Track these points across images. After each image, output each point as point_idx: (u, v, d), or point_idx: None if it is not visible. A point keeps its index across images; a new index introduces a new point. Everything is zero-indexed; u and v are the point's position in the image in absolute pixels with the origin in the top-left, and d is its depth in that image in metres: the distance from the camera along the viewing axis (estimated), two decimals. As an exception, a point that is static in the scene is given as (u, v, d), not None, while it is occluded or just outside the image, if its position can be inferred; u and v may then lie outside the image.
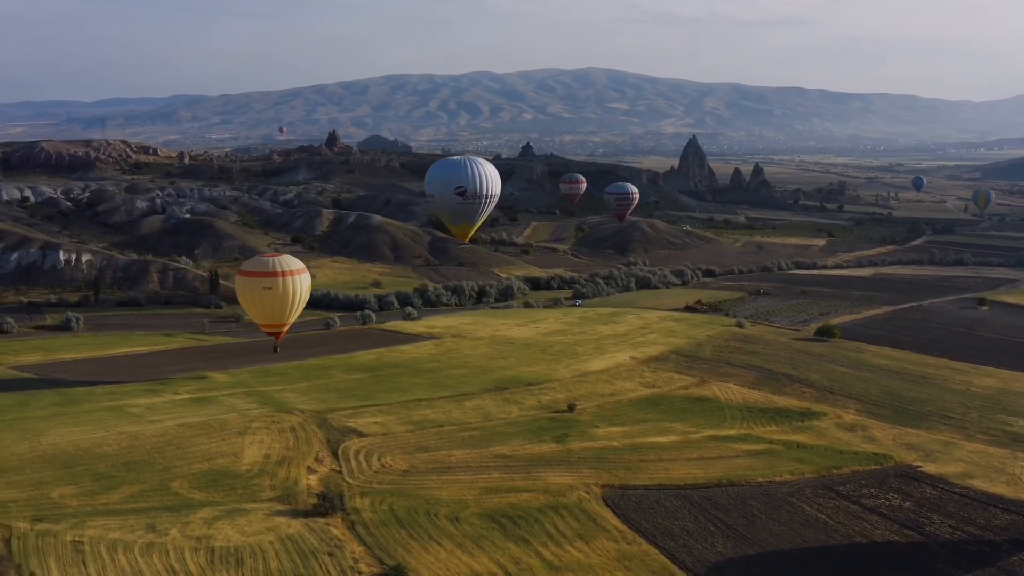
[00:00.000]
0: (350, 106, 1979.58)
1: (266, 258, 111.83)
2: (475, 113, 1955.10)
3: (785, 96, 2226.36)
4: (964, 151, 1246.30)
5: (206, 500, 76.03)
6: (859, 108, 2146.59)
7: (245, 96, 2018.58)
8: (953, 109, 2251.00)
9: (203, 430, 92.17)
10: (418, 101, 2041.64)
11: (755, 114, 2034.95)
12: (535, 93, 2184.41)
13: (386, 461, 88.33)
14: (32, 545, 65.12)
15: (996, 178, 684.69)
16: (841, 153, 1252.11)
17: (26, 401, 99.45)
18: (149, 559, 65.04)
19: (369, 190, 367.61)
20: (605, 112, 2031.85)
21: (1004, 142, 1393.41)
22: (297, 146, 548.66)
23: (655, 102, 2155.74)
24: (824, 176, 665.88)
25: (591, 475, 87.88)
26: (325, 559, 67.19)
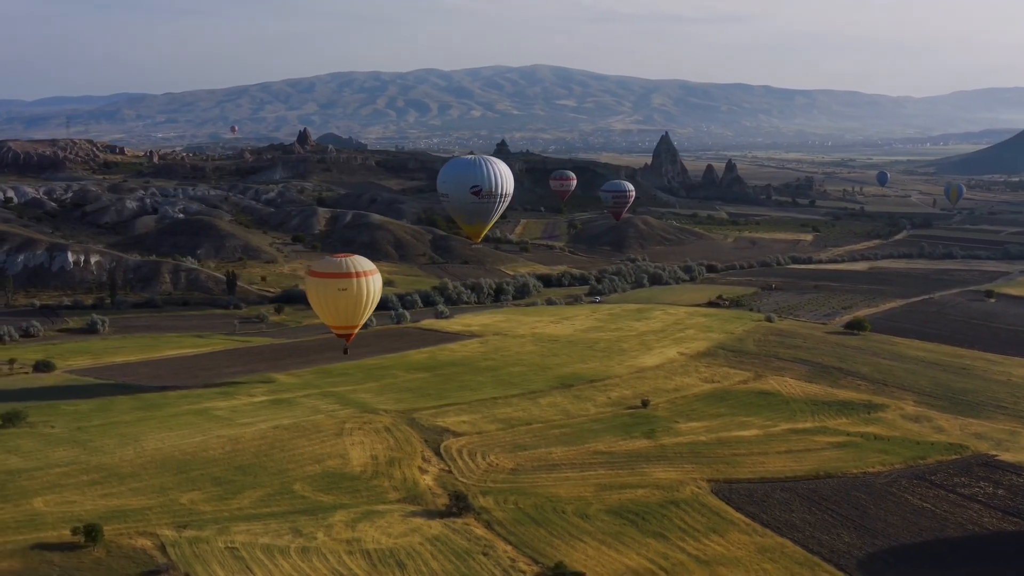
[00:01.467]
0: (297, 104, 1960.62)
1: (338, 259, 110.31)
2: (423, 110, 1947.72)
3: (731, 93, 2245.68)
4: (911, 146, 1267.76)
5: (335, 503, 75.32)
6: (804, 104, 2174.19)
7: (190, 94, 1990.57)
8: (895, 105, 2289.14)
9: (299, 432, 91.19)
10: (365, 99, 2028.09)
11: (702, 111, 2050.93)
12: (483, 90, 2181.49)
13: (491, 460, 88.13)
14: (190, 552, 64.11)
15: (950, 173, 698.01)
16: (790, 149, 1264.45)
17: (106, 406, 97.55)
18: (310, 563, 64.37)
19: (348, 188, 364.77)
20: (553, 109, 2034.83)
21: (948, 137, 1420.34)
22: (268, 144, 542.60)
23: (603, 99, 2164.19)
24: (781, 172, 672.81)
25: (692, 470, 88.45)
26: (481, 559, 66.99)
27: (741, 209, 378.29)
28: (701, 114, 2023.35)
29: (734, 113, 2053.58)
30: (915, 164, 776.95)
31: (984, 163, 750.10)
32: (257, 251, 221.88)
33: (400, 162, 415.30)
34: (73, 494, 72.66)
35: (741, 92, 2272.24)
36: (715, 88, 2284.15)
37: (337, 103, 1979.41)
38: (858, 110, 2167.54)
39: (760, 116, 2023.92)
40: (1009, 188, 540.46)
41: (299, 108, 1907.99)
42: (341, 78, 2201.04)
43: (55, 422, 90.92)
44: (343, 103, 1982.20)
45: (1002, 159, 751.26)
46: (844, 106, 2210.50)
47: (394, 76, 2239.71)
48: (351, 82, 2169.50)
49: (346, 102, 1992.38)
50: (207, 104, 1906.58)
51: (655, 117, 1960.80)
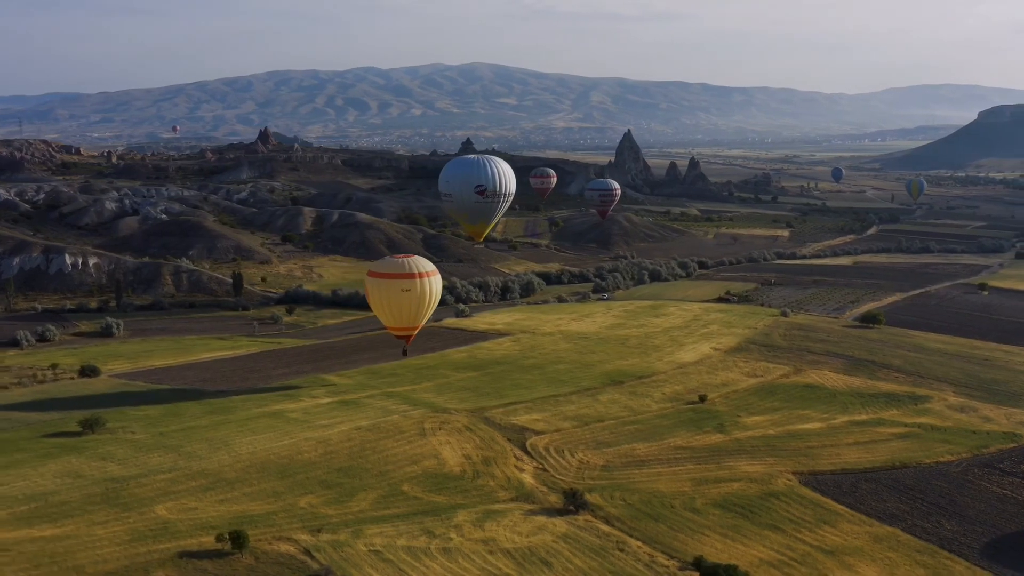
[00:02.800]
0: (234, 103, 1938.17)
1: (399, 259, 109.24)
2: (363, 109, 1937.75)
3: (669, 90, 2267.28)
4: (849, 142, 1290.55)
5: (450, 503, 75.08)
6: (741, 101, 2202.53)
7: (125, 93, 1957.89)
8: (830, 102, 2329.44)
9: (382, 433, 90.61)
10: (304, 97, 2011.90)
11: (641, 108, 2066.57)
12: (422, 89, 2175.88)
13: (580, 457, 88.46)
14: (337, 556, 63.57)
15: (896, 168, 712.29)
16: (731, 145, 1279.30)
17: (176, 411, 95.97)
18: (458, 563, 64.20)
19: (317, 187, 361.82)
20: (493, 107, 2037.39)
21: (884, 133, 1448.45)
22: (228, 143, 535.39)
23: (542, 97, 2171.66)
24: (730, 168, 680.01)
25: (775, 463, 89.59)
26: (619, 555, 67.36)
27: (708, 206, 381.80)
28: (640, 111, 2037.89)
29: (673, 110, 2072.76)
30: (859, 160, 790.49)
31: (927, 159, 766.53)
32: (250, 252, 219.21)
33: (366, 161, 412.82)
34: (190, 500, 71.49)
35: (679, 90, 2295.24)
36: (653, 86, 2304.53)
37: (275, 102, 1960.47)
38: (794, 107, 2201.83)
39: (699, 113, 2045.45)
40: (958, 183, 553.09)
41: (237, 107, 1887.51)
42: (278, 76, 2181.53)
43: (133, 427, 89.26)
44: (281, 102, 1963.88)
45: (945, 155, 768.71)
46: (780, 103, 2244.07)
47: (332, 75, 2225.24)
48: (289, 81, 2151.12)
49: (284, 101, 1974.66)
50: (143, 103, 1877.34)
51: (595, 115, 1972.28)
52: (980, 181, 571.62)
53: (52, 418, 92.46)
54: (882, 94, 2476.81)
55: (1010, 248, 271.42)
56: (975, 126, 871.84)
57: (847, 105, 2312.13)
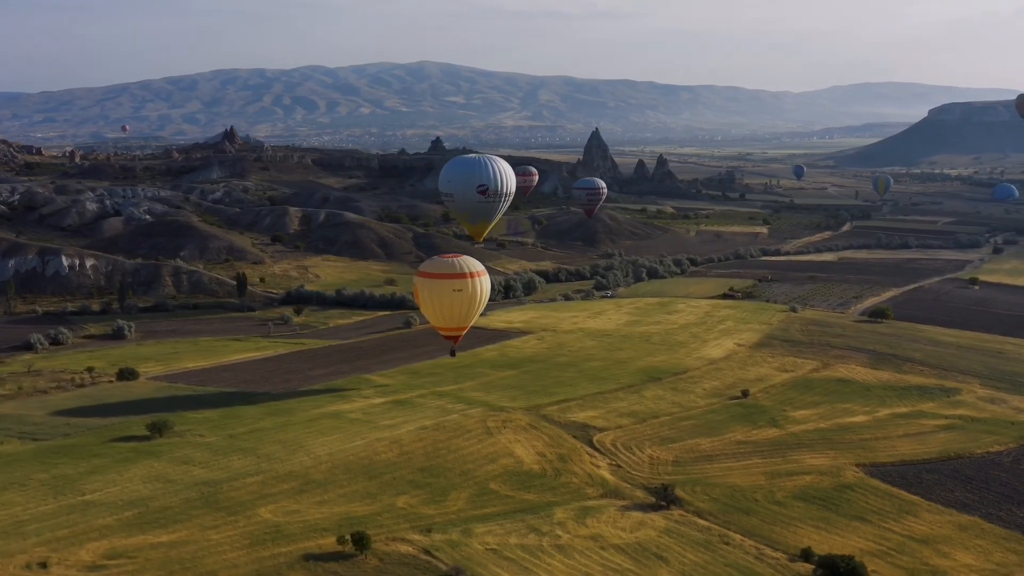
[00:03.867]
0: (180, 102, 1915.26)
1: (449, 259, 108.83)
2: (311, 108, 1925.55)
3: (617, 88, 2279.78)
4: (798, 139, 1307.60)
5: (543, 500, 75.34)
6: (688, 100, 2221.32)
7: (67, 93, 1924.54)
8: (776, 100, 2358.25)
9: (450, 432, 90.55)
10: (251, 96, 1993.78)
11: (590, 106, 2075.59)
12: (370, 87, 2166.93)
13: (649, 453, 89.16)
14: (458, 556, 63.55)
15: (850, 165, 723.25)
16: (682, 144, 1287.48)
17: (234, 414, 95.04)
18: (576, 560, 64.52)
19: (289, 187, 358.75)
20: (442, 106, 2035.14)
21: (831, 131, 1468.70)
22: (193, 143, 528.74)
23: (491, 95, 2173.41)
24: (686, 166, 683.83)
25: (836, 455, 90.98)
26: (726, 548, 68.15)
27: (679, 203, 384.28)
28: (589, 110, 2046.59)
29: (621, 109, 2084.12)
30: (812, 158, 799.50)
31: (881, 156, 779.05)
32: (243, 252, 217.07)
33: (336, 160, 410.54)
34: (289, 503, 70.97)
35: (627, 88, 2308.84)
36: (601, 84, 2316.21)
37: (222, 101, 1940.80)
38: (741, 105, 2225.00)
39: (647, 112, 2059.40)
40: (915, 180, 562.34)
41: (182, 106, 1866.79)
42: (224, 75, 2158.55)
43: (199, 430, 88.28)
44: (228, 101, 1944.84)
45: (897, 152, 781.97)
46: (727, 101, 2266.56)
47: (279, 73, 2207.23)
48: (235, 79, 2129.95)
49: (231, 100, 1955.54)
50: (86, 103, 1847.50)
51: (544, 113, 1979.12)
52: (936, 178, 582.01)
53: (112, 422, 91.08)
54: (826, 92, 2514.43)
55: (986, 243, 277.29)
56: (926, 123, 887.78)
57: (792, 103, 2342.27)
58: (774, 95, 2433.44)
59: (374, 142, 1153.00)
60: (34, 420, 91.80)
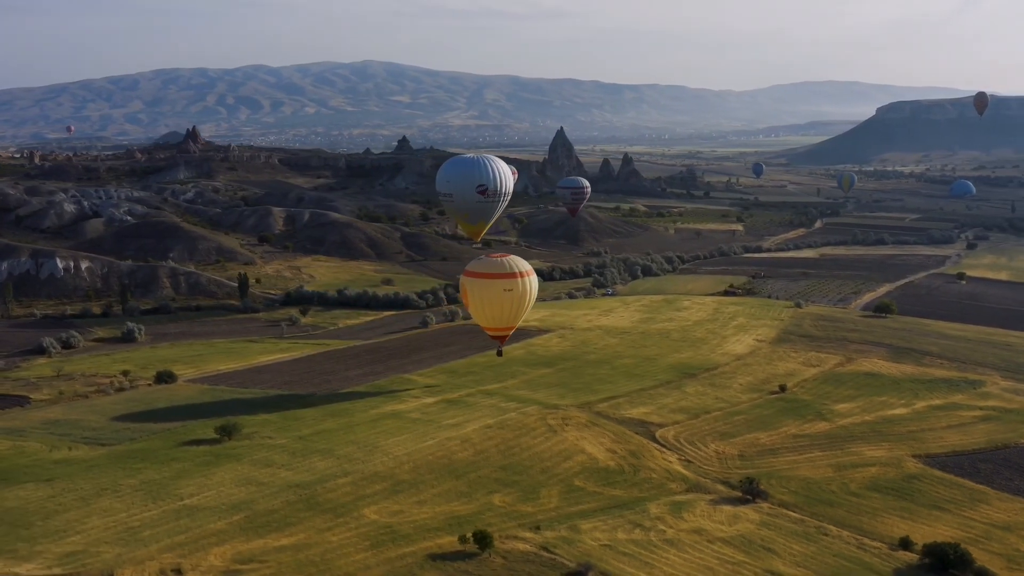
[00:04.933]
0: (121, 102, 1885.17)
1: (498, 259, 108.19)
2: (255, 107, 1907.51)
3: (562, 88, 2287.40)
4: (744, 138, 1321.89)
5: (632, 496, 75.96)
6: (633, 99, 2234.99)
7: (6, 93, 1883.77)
8: (719, 99, 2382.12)
9: (516, 431, 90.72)
10: (193, 96, 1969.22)
11: (535, 105, 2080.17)
12: (314, 87, 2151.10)
13: (714, 448, 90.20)
14: (577, 552, 63.85)
15: (802, 163, 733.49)
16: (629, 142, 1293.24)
17: (294, 416, 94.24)
18: (691, 554, 65.20)
19: (258, 187, 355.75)
20: (387, 105, 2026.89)
21: (776, 129, 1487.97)
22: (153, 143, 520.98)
23: (436, 95, 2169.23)
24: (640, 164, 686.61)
25: (891, 447, 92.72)
26: (827, 539, 69.37)
27: (649, 202, 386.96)
28: (535, 109, 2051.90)
29: (567, 107, 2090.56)
30: (764, 156, 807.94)
31: (832, 153, 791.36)
32: (232, 253, 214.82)
33: (303, 160, 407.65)
34: (389, 503, 70.76)
35: (572, 87, 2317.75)
36: (546, 83, 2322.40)
37: (164, 101, 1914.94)
38: (685, 104, 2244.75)
39: (593, 111, 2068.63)
40: (870, 177, 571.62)
41: (124, 106, 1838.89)
42: (166, 75, 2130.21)
43: (264, 433, 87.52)
44: (170, 101, 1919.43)
45: (848, 149, 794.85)
46: (671, 100, 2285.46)
47: (221, 73, 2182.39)
48: (177, 79, 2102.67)
49: (173, 100, 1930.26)
50: (25, 103, 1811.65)
51: (490, 112, 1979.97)
52: (891, 175, 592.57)
53: (174, 426, 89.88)
54: (768, 91, 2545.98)
55: (958, 239, 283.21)
56: (874, 121, 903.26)
57: (735, 102, 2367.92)
58: (717, 94, 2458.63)
59: (321, 142, 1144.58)
60: (92, 425, 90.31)
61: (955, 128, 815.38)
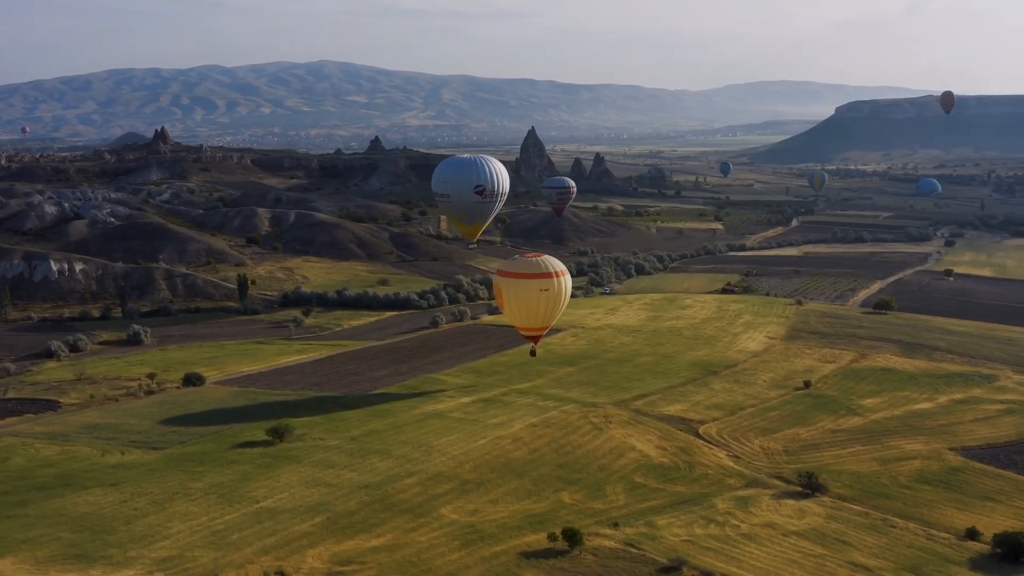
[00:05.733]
0: (74, 102, 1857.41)
1: (533, 258, 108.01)
2: (210, 108, 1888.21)
3: (518, 88, 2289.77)
4: (702, 137, 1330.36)
5: (695, 492, 76.57)
6: (589, 98, 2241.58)
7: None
8: (674, 99, 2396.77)
9: (563, 430, 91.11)
10: (147, 96, 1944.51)
11: (492, 105, 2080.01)
12: (269, 87, 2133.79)
13: (758, 443, 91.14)
14: (663, 547, 64.38)
15: (764, 162, 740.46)
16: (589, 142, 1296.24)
17: (339, 417, 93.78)
18: (769, 548, 66.02)
19: (233, 188, 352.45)
20: (344, 105, 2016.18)
21: (733, 128, 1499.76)
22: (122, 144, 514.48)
23: (393, 95, 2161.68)
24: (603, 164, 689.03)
25: (926, 440, 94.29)
26: (896, 531, 70.65)
27: (623, 201, 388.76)
28: (492, 109, 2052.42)
29: (524, 107, 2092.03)
30: (726, 155, 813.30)
31: (792, 152, 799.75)
32: (223, 254, 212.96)
33: (275, 161, 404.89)
34: (463, 503, 70.79)
35: (528, 87, 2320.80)
36: (503, 83, 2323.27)
37: (117, 101, 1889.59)
38: (641, 103, 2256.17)
39: (550, 110, 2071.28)
40: (835, 176, 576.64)
41: (77, 107, 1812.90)
42: (119, 75, 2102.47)
43: (313, 434, 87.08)
44: (124, 101, 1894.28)
45: (809, 148, 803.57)
46: (627, 100, 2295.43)
47: (175, 73, 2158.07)
48: (130, 79, 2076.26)
49: (127, 100, 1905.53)
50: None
51: (448, 112, 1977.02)
52: (854, 174, 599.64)
53: (222, 429, 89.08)
54: (723, 91, 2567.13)
55: (935, 236, 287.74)
56: (834, 120, 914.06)
57: (690, 102, 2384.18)
58: (673, 94, 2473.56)
59: (278, 142, 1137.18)
60: (136, 428, 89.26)
61: (914, 127, 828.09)
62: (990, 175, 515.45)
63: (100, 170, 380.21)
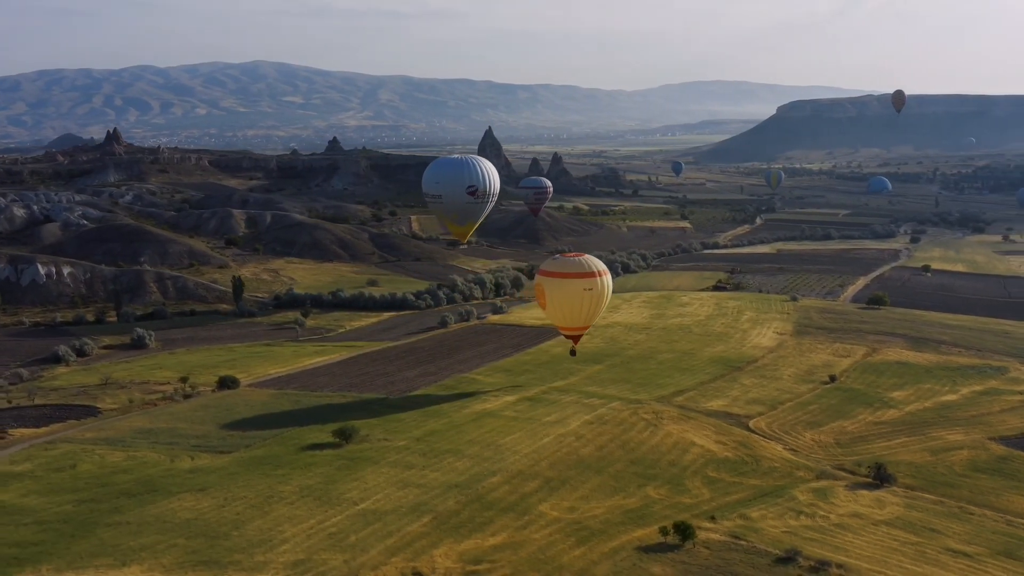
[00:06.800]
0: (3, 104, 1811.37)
1: (575, 258, 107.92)
2: (144, 109, 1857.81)
3: (455, 88, 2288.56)
4: (642, 137, 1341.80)
5: (772, 485, 77.80)
6: (527, 98, 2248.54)
7: None
8: (611, 99, 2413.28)
9: (619, 426, 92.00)
10: (79, 97, 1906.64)
11: (430, 106, 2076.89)
12: (204, 87, 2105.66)
13: (809, 436, 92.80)
14: (768, 538, 65.35)
15: (710, 161, 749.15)
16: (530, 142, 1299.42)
17: (395, 418, 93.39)
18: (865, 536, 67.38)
19: (194, 189, 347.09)
20: (280, 106, 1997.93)
21: (671, 128, 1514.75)
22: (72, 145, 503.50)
23: (329, 95, 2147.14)
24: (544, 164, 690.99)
25: (966, 431, 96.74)
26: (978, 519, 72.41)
27: (586, 200, 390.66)
28: (430, 109, 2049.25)
29: (462, 108, 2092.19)
30: (672, 154, 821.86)
31: (736, 151, 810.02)
32: (205, 256, 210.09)
33: (234, 161, 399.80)
34: (558, 500, 71.14)
35: (465, 87, 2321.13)
36: (440, 83, 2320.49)
37: (48, 102, 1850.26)
38: (578, 103, 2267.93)
39: (488, 110, 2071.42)
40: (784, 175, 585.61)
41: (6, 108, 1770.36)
42: (49, 76, 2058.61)
43: (377, 435, 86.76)
44: (55, 102, 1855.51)
45: (753, 147, 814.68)
46: (564, 100, 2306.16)
47: (107, 73, 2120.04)
48: (61, 80, 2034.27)
49: (58, 101, 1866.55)
50: None
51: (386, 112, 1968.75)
52: (802, 172, 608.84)
53: (282, 432, 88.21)
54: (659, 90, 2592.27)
55: (899, 233, 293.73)
56: (776, 120, 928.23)
57: (626, 101, 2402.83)
58: (609, 94, 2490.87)
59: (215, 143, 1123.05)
60: (194, 433, 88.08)
61: (855, 126, 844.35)
62: (935, 173, 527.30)
63: (54, 172, 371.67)
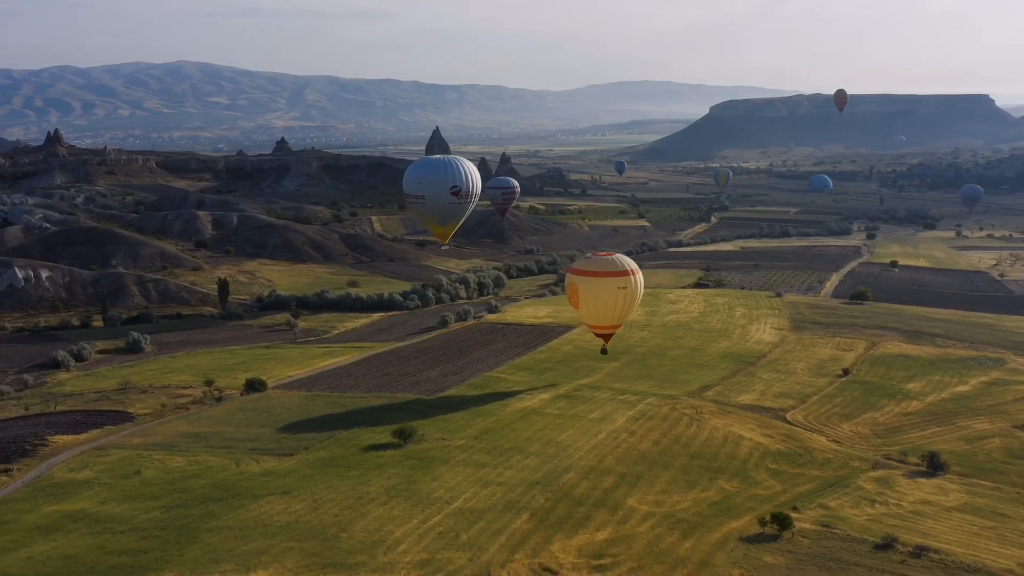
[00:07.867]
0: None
1: (607, 257, 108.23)
2: (66, 110, 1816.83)
3: (382, 88, 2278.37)
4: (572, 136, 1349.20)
5: (832, 476, 79.35)
6: (454, 98, 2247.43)
7: None
8: (538, 99, 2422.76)
9: (666, 422, 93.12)
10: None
11: (358, 106, 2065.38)
12: (126, 88, 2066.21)
13: (846, 428, 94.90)
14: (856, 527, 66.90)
15: (646, 160, 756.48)
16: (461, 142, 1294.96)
17: (443, 419, 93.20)
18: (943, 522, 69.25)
19: (144, 191, 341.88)
20: (206, 107, 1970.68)
21: (600, 128, 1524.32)
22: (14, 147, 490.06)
23: (255, 96, 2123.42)
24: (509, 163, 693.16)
25: (990, 420, 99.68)
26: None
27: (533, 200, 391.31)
28: (358, 109, 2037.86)
29: (390, 108, 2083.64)
30: (608, 154, 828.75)
31: (672, 151, 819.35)
32: (177, 258, 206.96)
33: (181, 163, 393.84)
34: (643, 495, 71.82)
35: (392, 87, 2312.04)
36: (367, 83, 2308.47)
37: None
38: (505, 103, 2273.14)
39: (416, 111, 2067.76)
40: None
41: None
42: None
43: (434, 436, 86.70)
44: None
45: (688, 147, 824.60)
46: (491, 100, 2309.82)
47: (26, 74, 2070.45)
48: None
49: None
50: None
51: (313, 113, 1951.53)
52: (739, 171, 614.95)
53: (337, 434, 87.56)
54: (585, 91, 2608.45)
55: (853, 230, 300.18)
56: (709, 119, 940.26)
57: (553, 101, 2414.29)
58: (536, 94, 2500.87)
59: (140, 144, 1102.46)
60: (244, 436, 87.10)
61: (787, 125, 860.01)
62: (872, 171, 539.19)
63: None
